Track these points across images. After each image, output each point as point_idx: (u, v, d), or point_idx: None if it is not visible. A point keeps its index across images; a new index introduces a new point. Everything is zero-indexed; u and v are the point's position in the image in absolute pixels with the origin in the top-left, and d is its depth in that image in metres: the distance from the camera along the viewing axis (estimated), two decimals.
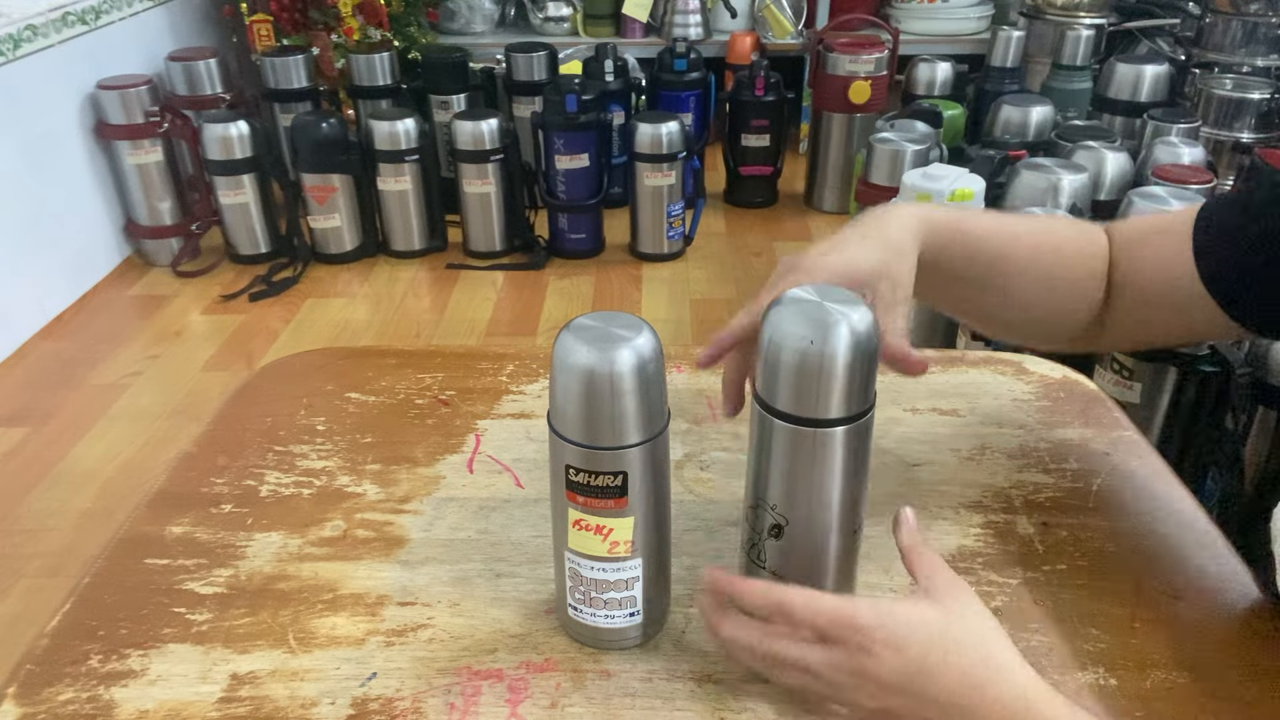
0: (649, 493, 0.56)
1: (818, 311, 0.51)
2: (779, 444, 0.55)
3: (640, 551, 0.57)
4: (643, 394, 0.53)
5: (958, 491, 0.75)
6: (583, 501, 0.55)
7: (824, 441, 0.54)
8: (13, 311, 2.35)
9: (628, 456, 0.54)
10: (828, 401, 0.52)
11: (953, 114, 2.60)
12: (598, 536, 0.56)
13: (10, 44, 2.32)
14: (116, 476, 1.90)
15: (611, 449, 0.54)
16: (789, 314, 0.52)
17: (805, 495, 0.56)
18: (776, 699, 0.58)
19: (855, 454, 0.55)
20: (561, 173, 2.68)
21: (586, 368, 0.51)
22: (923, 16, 3.40)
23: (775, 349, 0.52)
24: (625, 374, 0.51)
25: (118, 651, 0.61)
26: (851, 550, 0.60)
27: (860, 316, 0.51)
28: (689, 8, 3.37)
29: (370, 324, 2.48)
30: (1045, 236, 0.74)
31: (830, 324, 0.51)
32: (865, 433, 0.55)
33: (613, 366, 0.51)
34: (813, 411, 0.53)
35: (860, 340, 0.51)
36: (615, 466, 0.54)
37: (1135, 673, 0.59)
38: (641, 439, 0.54)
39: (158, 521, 0.73)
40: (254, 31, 3.05)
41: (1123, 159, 1.94)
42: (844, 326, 0.51)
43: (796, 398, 0.53)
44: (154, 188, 2.70)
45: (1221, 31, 2.65)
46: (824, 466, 0.55)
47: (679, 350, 0.95)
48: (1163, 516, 0.73)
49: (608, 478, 0.54)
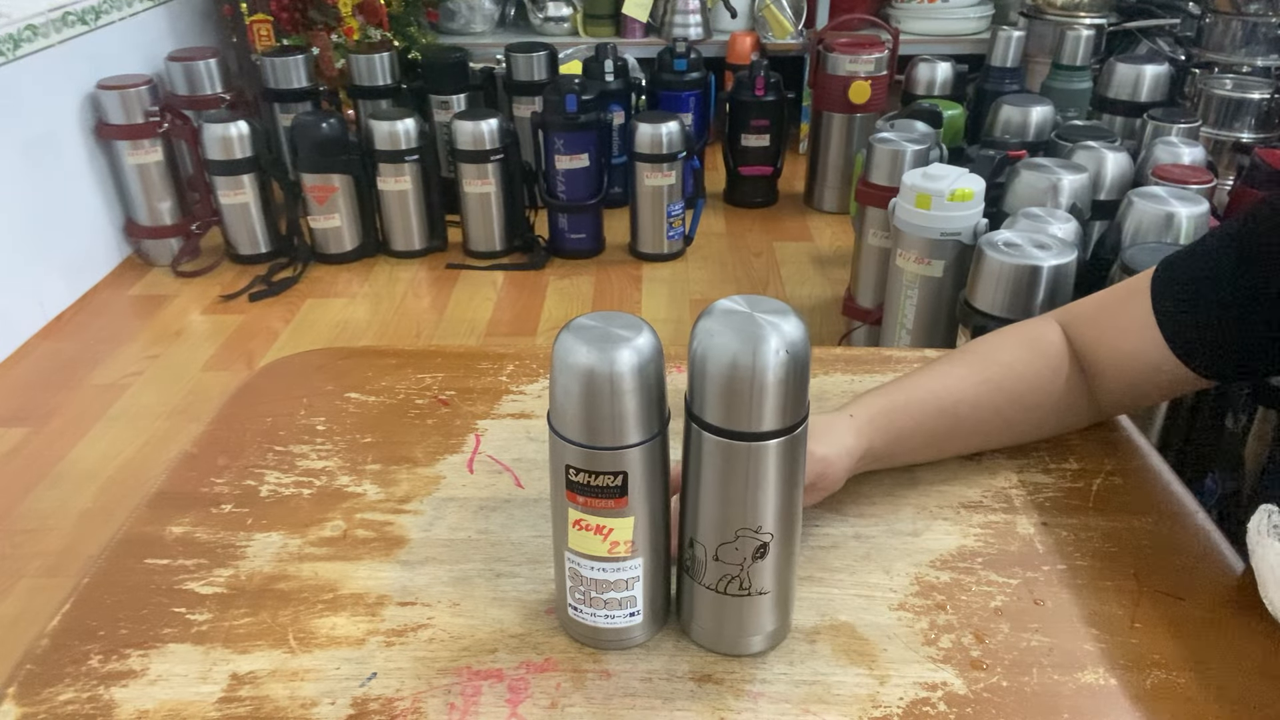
0: (649, 493, 0.56)
1: (748, 323, 0.51)
2: (754, 463, 0.54)
3: (641, 551, 0.57)
4: (643, 394, 0.53)
5: (958, 491, 0.75)
6: (583, 501, 0.55)
7: (758, 454, 0.54)
8: (13, 311, 2.35)
9: (628, 456, 0.54)
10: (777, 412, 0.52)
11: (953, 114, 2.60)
12: (598, 536, 0.56)
13: (10, 44, 2.32)
14: (116, 476, 1.90)
15: (612, 449, 0.53)
16: (718, 326, 0.52)
17: (784, 509, 0.56)
18: (776, 699, 0.58)
19: (797, 461, 0.56)
20: (561, 173, 2.68)
21: (587, 368, 0.51)
22: (923, 16, 3.40)
23: (702, 362, 0.52)
24: (625, 374, 0.51)
25: (118, 651, 0.61)
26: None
27: (792, 327, 0.51)
28: (689, 8, 3.37)
29: (370, 324, 2.48)
30: (986, 388, 0.73)
31: (761, 336, 0.50)
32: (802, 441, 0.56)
33: (613, 366, 0.51)
34: (764, 424, 0.53)
35: (795, 351, 0.51)
36: (615, 466, 0.54)
37: (1135, 673, 0.59)
38: (642, 439, 0.54)
39: (158, 521, 0.73)
40: (254, 31, 3.05)
41: (1123, 159, 1.94)
42: (775, 337, 0.50)
43: (778, 411, 0.53)
44: (154, 188, 2.70)
45: (1221, 31, 2.65)
46: (791, 477, 0.56)
47: (679, 351, 0.95)
48: (1163, 516, 0.73)
49: (608, 478, 0.54)
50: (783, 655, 0.61)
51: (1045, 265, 1.51)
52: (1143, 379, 0.72)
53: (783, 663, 0.60)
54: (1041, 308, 1.52)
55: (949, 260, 1.75)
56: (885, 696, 0.58)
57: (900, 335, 1.88)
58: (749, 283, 2.62)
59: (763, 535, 0.56)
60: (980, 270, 1.57)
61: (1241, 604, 0.64)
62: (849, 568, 0.68)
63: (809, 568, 0.68)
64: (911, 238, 1.77)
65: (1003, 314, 1.54)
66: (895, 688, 0.58)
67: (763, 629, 0.60)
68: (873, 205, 2.07)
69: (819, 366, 0.92)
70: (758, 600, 0.59)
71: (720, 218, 3.07)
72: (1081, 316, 0.75)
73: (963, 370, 0.74)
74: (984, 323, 1.55)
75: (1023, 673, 0.59)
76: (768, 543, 0.57)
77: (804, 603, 0.65)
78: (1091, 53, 2.81)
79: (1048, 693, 0.58)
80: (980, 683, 0.59)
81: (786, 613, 0.61)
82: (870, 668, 0.60)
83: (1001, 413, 0.74)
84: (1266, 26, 2.58)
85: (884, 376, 0.89)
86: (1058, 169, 1.81)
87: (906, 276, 1.82)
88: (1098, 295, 0.77)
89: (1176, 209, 1.63)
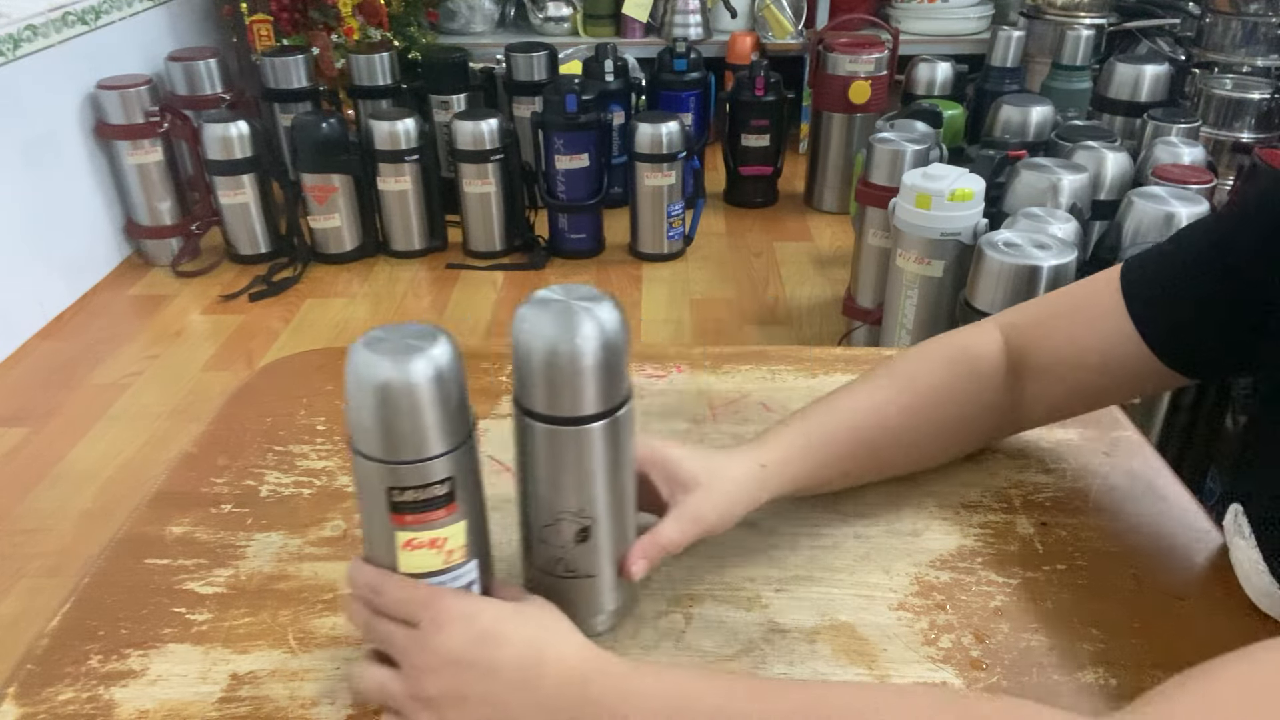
0: (472, 490, 0.55)
1: (564, 310, 0.52)
2: (576, 447, 0.55)
3: (474, 552, 0.56)
4: (456, 390, 0.52)
5: (958, 491, 0.75)
6: (412, 519, 0.53)
7: (581, 438, 0.54)
8: (13, 311, 2.35)
9: (454, 459, 0.52)
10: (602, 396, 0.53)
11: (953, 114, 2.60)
12: (432, 550, 0.54)
13: (10, 44, 2.32)
14: (116, 476, 1.90)
15: (436, 457, 0.51)
16: (536, 314, 0.52)
17: (608, 492, 0.57)
18: None
19: (622, 445, 0.57)
20: (561, 173, 2.68)
21: (403, 382, 0.49)
22: (923, 16, 3.40)
23: (522, 350, 0.53)
24: (432, 379, 0.50)
25: (118, 651, 0.61)
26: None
27: (607, 313, 0.52)
28: (689, 8, 3.37)
29: (370, 324, 2.46)
30: (908, 416, 0.71)
31: (577, 321, 0.51)
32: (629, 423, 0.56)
33: (425, 371, 0.49)
34: (592, 408, 0.54)
35: (609, 335, 0.52)
36: (443, 474, 0.52)
37: (1135, 673, 0.59)
38: (463, 438, 0.53)
39: (158, 521, 0.73)
40: (254, 31, 3.05)
41: (1123, 159, 1.94)
42: (590, 323, 0.51)
43: (600, 396, 0.53)
44: (154, 188, 2.70)
45: (1221, 31, 2.65)
46: (616, 460, 0.56)
47: (679, 351, 0.95)
48: (1163, 516, 0.73)
49: (436, 487, 0.52)
50: (783, 655, 0.61)
51: (1045, 265, 1.51)
52: (1106, 380, 0.69)
53: (783, 663, 0.60)
54: None
55: (949, 260, 1.75)
56: None
57: (900, 335, 1.88)
58: (749, 283, 2.62)
59: (583, 519, 0.57)
60: (980, 270, 1.57)
61: (1241, 603, 0.64)
62: (849, 568, 0.68)
63: (809, 568, 0.68)
64: (911, 238, 1.77)
65: None
66: None
67: (603, 609, 0.61)
68: (873, 205, 2.07)
69: (819, 367, 0.92)
70: (586, 583, 0.59)
71: (720, 218, 3.07)
72: (1029, 319, 0.72)
73: (883, 397, 0.71)
74: None
75: (1023, 673, 0.59)
76: (589, 526, 0.57)
77: (804, 603, 0.65)
78: (1091, 53, 2.81)
79: (1048, 693, 0.58)
80: (980, 683, 0.59)
81: (627, 591, 0.62)
82: (870, 668, 0.60)
83: (922, 441, 0.72)
84: (1266, 26, 2.58)
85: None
86: (1058, 169, 1.81)
87: (906, 276, 1.82)
88: (1047, 298, 0.74)
89: (1176, 209, 1.63)
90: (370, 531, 0.55)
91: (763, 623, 0.63)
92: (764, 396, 0.87)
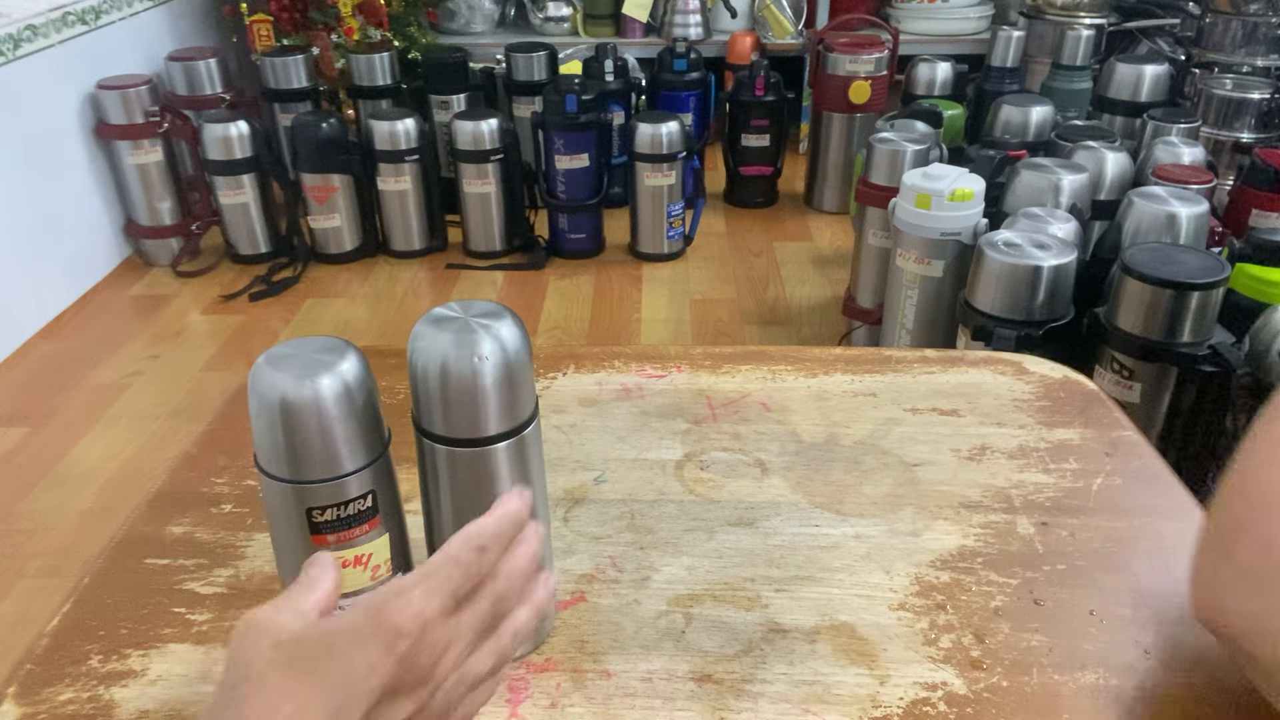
0: (392, 501, 0.54)
1: (462, 328, 0.50)
2: (479, 469, 0.53)
3: (398, 564, 0.55)
4: (369, 403, 0.51)
5: (958, 491, 0.75)
6: (335, 538, 0.51)
7: (484, 459, 0.52)
8: (13, 311, 2.35)
9: (374, 471, 0.51)
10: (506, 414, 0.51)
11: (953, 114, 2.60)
12: (358, 568, 0.52)
13: (10, 44, 2.32)
14: (116, 476, 1.90)
15: (357, 471, 0.50)
16: (432, 333, 0.50)
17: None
18: (776, 699, 0.58)
19: (529, 466, 0.55)
20: (561, 173, 2.68)
21: (308, 399, 0.48)
22: (923, 16, 3.40)
23: (419, 371, 0.51)
24: (338, 395, 0.48)
25: (118, 651, 0.61)
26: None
27: (507, 330, 0.50)
28: (689, 8, 3.37)
29: (370, 324, 2.48)
30: None
31: (475, 340, 0.49)
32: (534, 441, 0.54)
33: (332, 387, 0.48)
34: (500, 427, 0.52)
35: (509, 353, 0.50)
36: (364, 488, 0.51)
37: (1135, 673, 0.59)
38: (381, 450, 0.52)
39: (158, 521, 0.73)
40: (254, 31, 3.06)
41: (1123, 159, 1.94)
42: (489, 341, 0.49)
43: (507, 414, 0.51)
44: (154, 188, 2.70)
45: (1221, 31, 2.65)
46: (528, 480, 0.55)
47: (679, 350, 0.95)
48: (1163, 516, 0.73)
49: (359, 502, 0.51)
50: (783, 655, 0.61)
51: (1045, 265, 1.51)
52: None
53: (783, 663, 0.60)
54: (1041, 308, 1.52)
55: (949, 260, 1.75)
56: (885, 696, 0.58)
57: (900, 335, 1.88)
58: (749, 283, 2.62)
59: None
60: (980, 270, 1.57)
61: None
62: (849, 568, 0.68)
63: (809, 568, 0.68)
64: (911, 238, 1.77)
65: (1003, 314, 1.54)
66: (895, 688, 0.58)
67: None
68: (873, 205, 2.07)
69: (819, 367, 0.92)
70: None
71: (720, 218, 3.07)
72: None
73: None
74: (984, 323, 1.55)
75: (1023, 673, 0.59)
76: None
77: (804, 603, 0.65)
78: (1091, 53, 2.81)
79: (1048, 693, 0.58)
80: (980, 683, 0.59)
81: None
82: (870, 668, 0.60)
83: None
84: (1266, 26, 2.58)
85: (884, 376, 0.89)
86: (1058, 169, 1.81)
87: (906, 276, 1.82)
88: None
89: (1176, 209, 1.63)
90: (286, 556, 0.53)
91: (763, 623, 0.63)
92: (764, 396, 0.87)
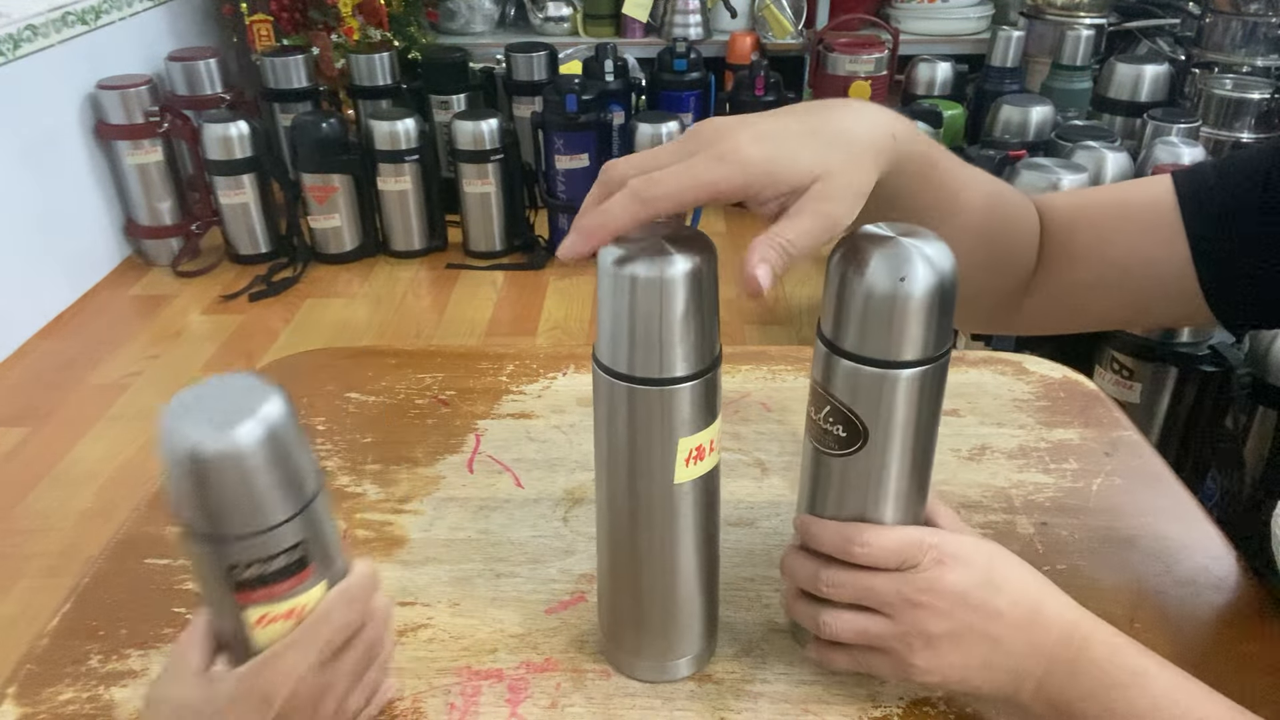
0: (327, 545, 0.49)
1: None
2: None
3: None
4: (295, 447, 0.46)
5: (957, 491, 0.75)
6: (262, 594, 0.46)
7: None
8: (13, 311, 2.35)
9: (308, 518, 0.46)
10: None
11: (953, 114, 2.60)
12: (290, 622, 0.48)
13: (10, 44, 2.32)
14: (116, 476, 1.90)
15: (288, 520, 0.45)
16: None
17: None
18: (776, 699, 0.58)
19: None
20: (561, 173, 2.68)
21: (230, 452, 0.43)
22: (923, 16, 3.40)
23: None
24: (270, 437, 0.44)
25: (118, 651, 0.61)
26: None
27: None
28: (689, 8, 3.37)
29: (370, 324, 2.48)
30: (995, 188, 0.64)
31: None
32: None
33: (254, 435, 0.43)
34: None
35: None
36: (294, 539, 0.46)
37: None
38: (316, 488, 0.47)
39: (158, 521, 0.73)
40: (254, 31, 3.06)
41: (1123, 159, 1.94)
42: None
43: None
44: (154, 188, 2.70)
45: (1221, 31, 2.65)
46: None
47: None
48: (1163, 516, 0.73)
49: (286, 556, 0.46)
50: (783, 655, 0.61)
51: None
52: (1142, 290, 0.64)
53: (783, 663, 0.60)
54: None
55: None
56: (885, 696, 0.58)
57: None
58: None
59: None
60: None
61: (1242, 604, 0.64)
62: None
63: None
64: None
65: None
66: (895, 687, 0.58)
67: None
68: None
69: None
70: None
71: (720, 218, 3.07)
72: (1072, 203, 0.66)
73: (979, 173, 0.63)
74: None
75: None
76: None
77: None
78: (1091, 53, 2.81)
79: None
80: None
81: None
82: None
83: (996, 230, 0.64)
84: (1266, 26, 2.58)
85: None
86: (1058, 169, 1.81)
87: None
88: (1092, 192, 0.69)
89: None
90: (214, 610, 0.48)
91: (763, 623, 0.63)
92: (764, 396, 0.87)
